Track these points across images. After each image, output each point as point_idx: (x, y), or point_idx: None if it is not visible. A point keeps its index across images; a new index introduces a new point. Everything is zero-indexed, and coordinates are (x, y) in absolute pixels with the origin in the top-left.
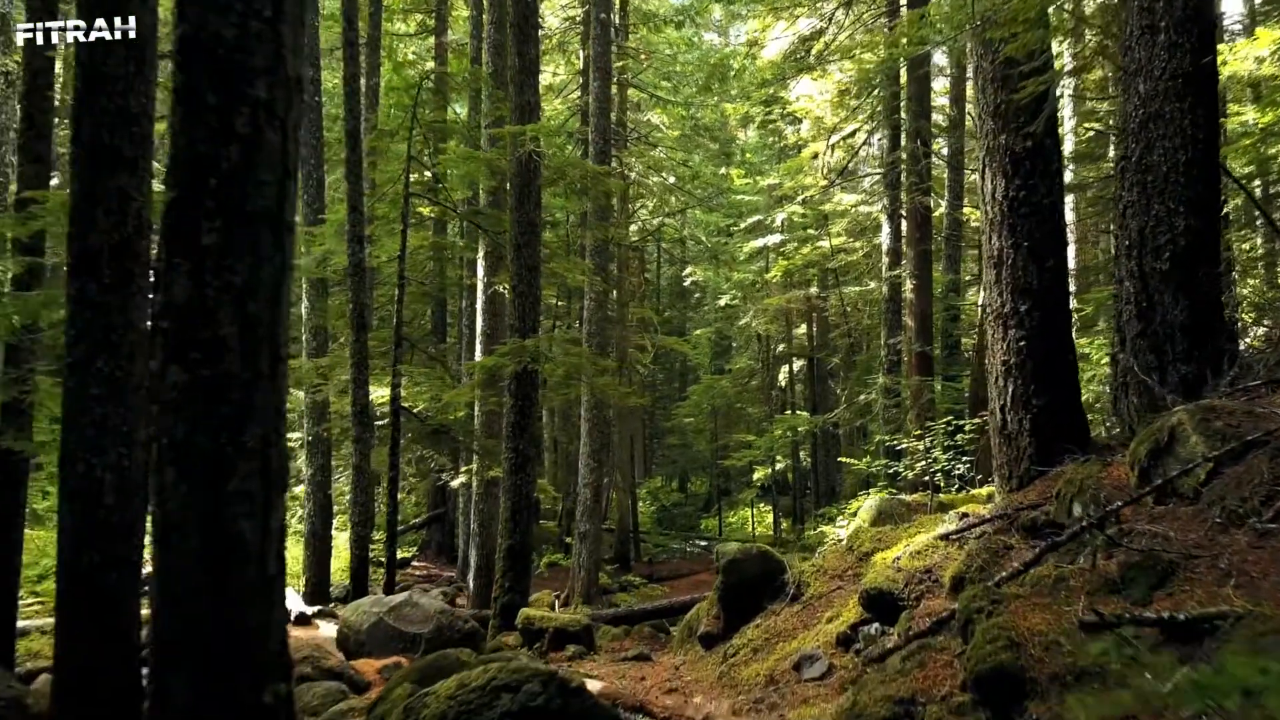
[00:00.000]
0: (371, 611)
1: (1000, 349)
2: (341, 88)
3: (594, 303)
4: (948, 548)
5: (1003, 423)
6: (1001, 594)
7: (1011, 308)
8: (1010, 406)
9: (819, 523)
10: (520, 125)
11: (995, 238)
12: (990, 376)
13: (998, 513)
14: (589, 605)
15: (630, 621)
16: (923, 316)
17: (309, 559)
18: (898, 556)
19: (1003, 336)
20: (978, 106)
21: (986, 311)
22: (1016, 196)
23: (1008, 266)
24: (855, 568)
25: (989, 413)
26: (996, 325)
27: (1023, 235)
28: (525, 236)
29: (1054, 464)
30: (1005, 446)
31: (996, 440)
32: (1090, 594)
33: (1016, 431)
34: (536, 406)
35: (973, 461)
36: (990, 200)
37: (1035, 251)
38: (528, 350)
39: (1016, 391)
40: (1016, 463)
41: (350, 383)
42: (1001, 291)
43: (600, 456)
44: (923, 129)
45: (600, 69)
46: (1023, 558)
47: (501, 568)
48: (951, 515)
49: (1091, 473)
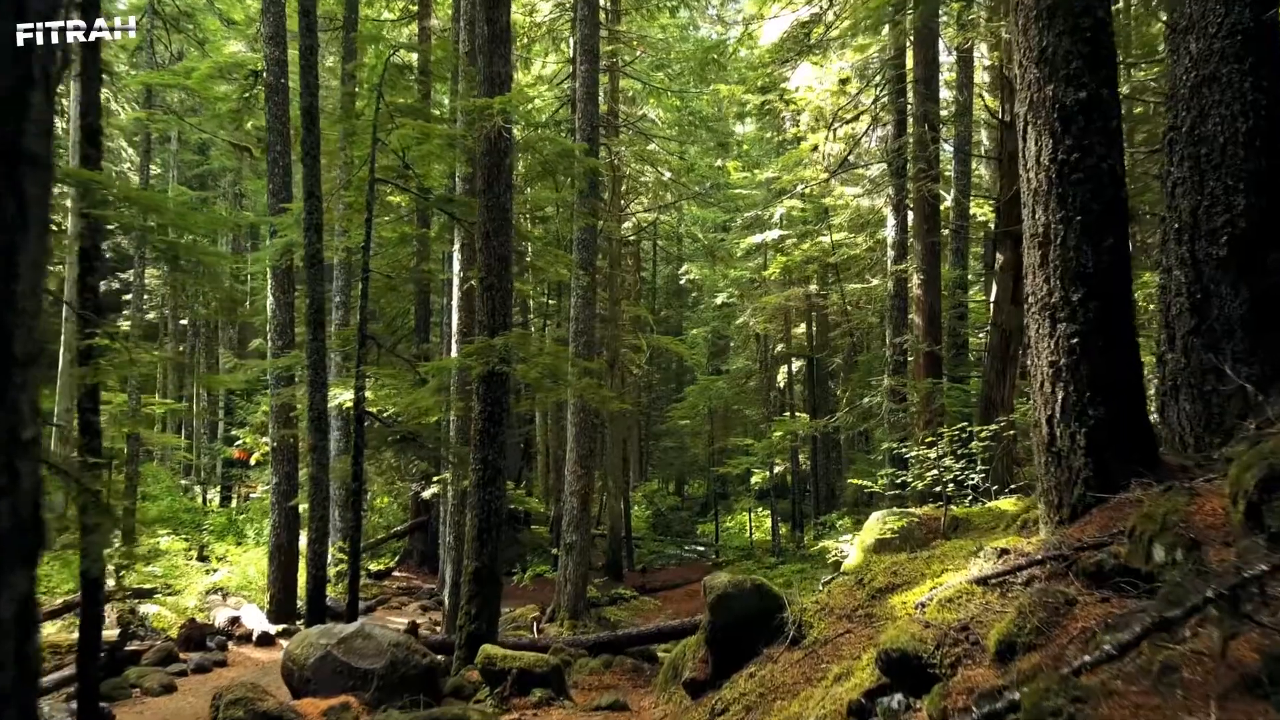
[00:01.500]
0: (319, 643)
1: (1046, 347)
2: (298, 61)
3: (581, 299)
4: (986, 594)
5: (1050, 438)
6: (1084, 689)
7: (1061, 297)
8: (1060, 418)
9: (819, 530)
10: (488, 98)
11: (1040, 211)
12: (1034, 381)
13: (1050, 551)
14: (575, 620)
15: (614, 649)
16: (931, 314)
17: (274, 573)
18: (922, 603)
19: (1050, 332)
20: (1018, 52)
21: (1029, 302)
22: (1067, 160)
23: (1056, 246)
24: (866, 606)
25: (1032, 425)
26: (1042, 318)
27: (1075, 207)
28: (495, 223)
29: (1116, 489)
30: (1054, 467)
31: (1042, 459)
32: (1222, 698)
33: (1068, 449)
34: (508, 412)
35: (987, 471)
36: (1034, 165)
37: (1091, 227)
38: (496, 350)
39: (1068, 400)
40: (1068, 487)
41: (306, 385)
42: (1048, 277)
43: (588, 463)
44: (930, 113)
45: (587, 51)
46: (1091, 617)
47: (467, 593)
48: (988, 551)
49: (1176, 506)
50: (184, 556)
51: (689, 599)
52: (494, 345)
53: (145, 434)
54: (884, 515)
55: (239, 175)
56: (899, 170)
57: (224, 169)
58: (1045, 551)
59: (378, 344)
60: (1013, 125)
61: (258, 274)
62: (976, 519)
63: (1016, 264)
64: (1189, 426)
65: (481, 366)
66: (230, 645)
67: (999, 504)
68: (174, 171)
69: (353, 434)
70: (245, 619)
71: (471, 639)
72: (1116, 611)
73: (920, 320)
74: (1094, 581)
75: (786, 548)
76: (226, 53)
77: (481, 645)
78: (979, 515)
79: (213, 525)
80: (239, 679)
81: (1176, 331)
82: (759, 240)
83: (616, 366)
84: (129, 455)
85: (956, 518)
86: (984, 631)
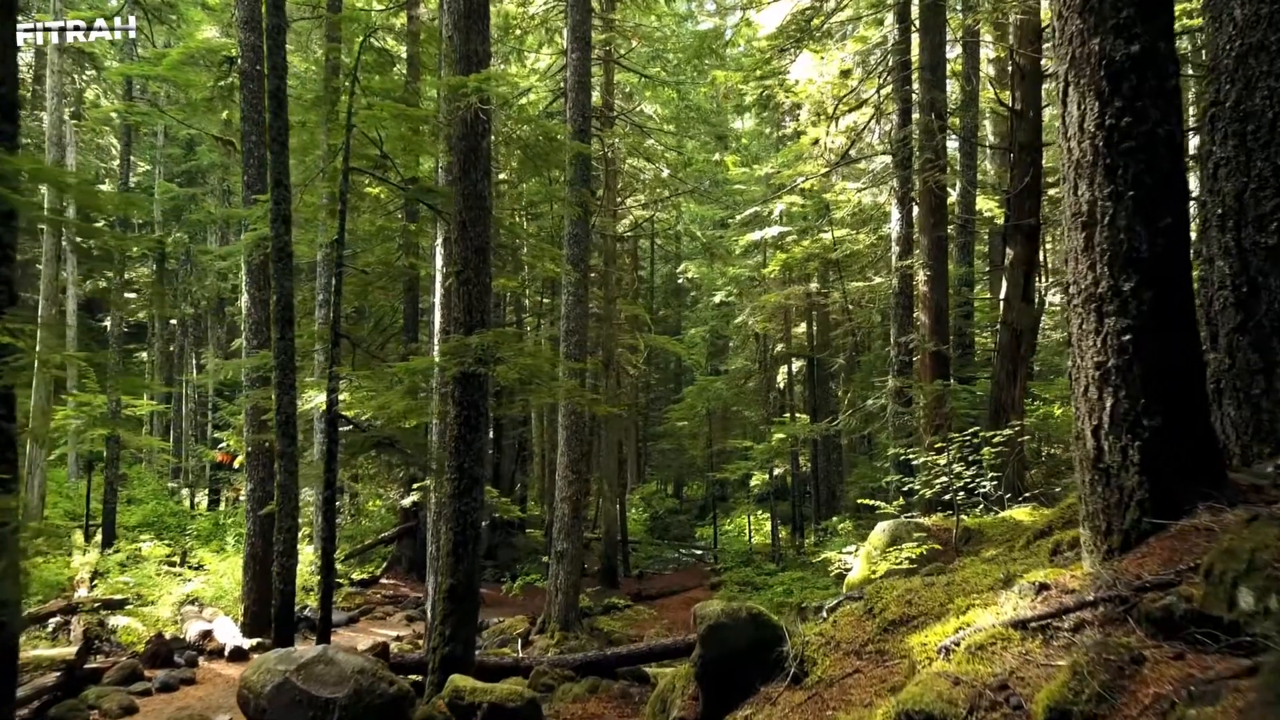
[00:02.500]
0: (276, 669)
1: (1091, 346)
2: (264, 41)
3: (572, 297)
4: (1026, 641)
5: (1096, 452)
6: None
7: (1110, 286)
8: (1109, 429)
9: (820, 536)
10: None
11: (1084, 187)
12: (1075, 384)
13: (1102, 590)
14: (567, 631)
15: (602, 669)
16: (937, 312)
17: (249, 583)
18: (946, 646)
19: (1096, 328)
20: (1055, 3)
21: (1070, 293)
22: (1116, 125)
23: (1104, 227)
24: (878, 641)
25: (1073, 437)
26: (1086, 312)
27: (1126, 181)
28: (473, 212)
29: (1178, 513)
30: (1101, 486)
31: (1087, 477)
32: None
33: (1119, 465)
34: (486, 416)
35: (999, 478)
36: (1076, 134)
37: (1145, 205)
38: (472, 349)
39: (1118, 407)
40: (1118, 511)
41: (274, 388)
42: (1094, 263)
43: (580, 467)
44: (937, 101)
45: (579, 39)
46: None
47: (441, 612)
48: (1024, 586)
49: (1266, 539)
50: (161, 563)
51: (685, 607)
52: (469, 344)
53: (126, 436)
54: (891, 528)
55: (227, 171)
56: (904, 161)
57: (213, 165)
58: (1097, 590)
59: (353, 343)
60: (1023, 114)
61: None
62: (990, 530)
63: (1028, 259)
64: (1234, 435)
65: (456, 367)
66: (201, 661)
67: (1012, 514)
68: (160, 168)
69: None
70: (218, 632)
71: (445, 662)
72: (1197, 674)
73: (926, 319)
74: (1162, 631)
75: (786, 553)
76: (200, 39)
77: (455, 672)
78: (992, 526)
79: (197, 530)
80: (203, 699)
81: (1220, 329)
82: (758, 237)
83: (612, 367)
84: (109, 458)
85: (968, 529)
86: (1028, 692)
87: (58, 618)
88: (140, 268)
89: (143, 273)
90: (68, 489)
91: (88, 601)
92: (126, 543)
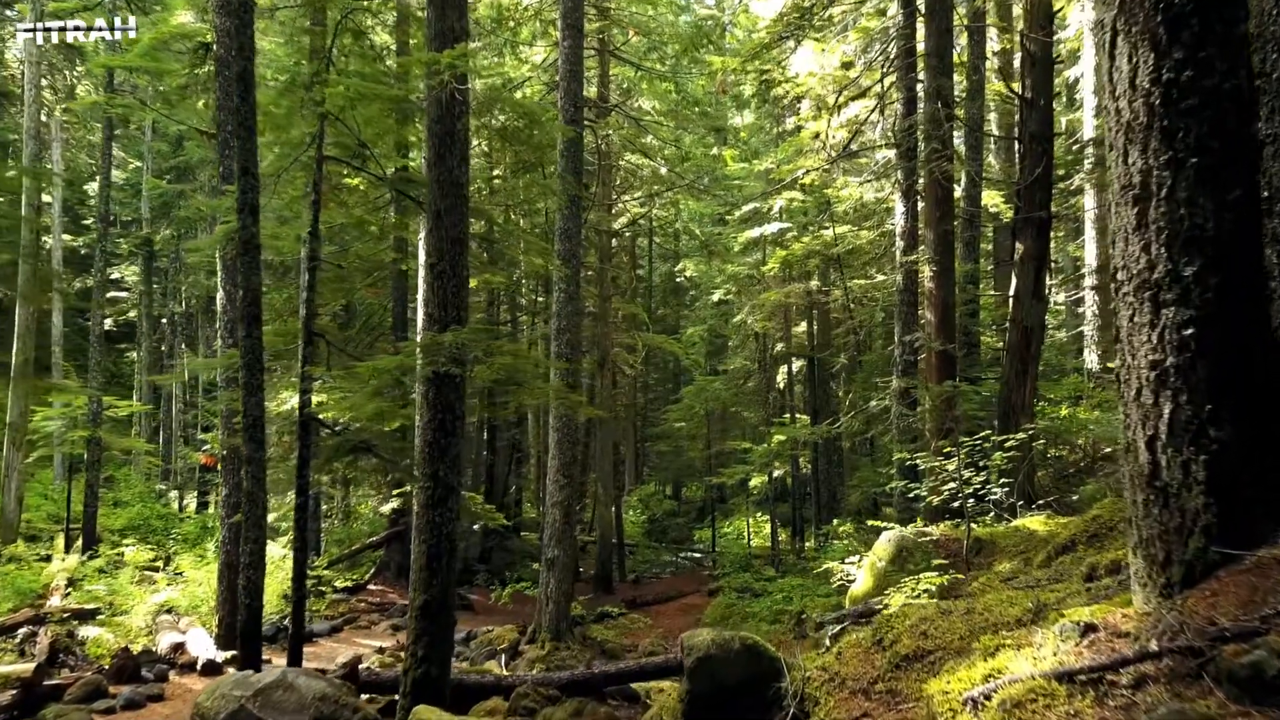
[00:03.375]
0: (231, 695)
1: (1145, 341)
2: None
3: (564, 294)
4: (1075, 699)
5: (1151, 468)
6: None
7: (1168, 271)
8: (1167, 440)
9: (821, 541)
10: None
11: (1136, 154)
12: (1125, 388)
13: (1166, 638)
14: (558, 642)
15: (588, 689)
16: (944, 309)
17: (224, 593)
18: (974, 698)
19: (1151, 320)
20: None
21: (1118, 280)
22: (1176, 80)
23: (1160, 201)
24: (889, 679)
25: (1122, 449)
26: (1138, 301)
27: (1187, 146)
28: (448, 200)
29: (1255, 543)
30: (1158, 509)
31: (1140, 497)
32: None
33: (1180, 484)
34: (462, 420)
35: (1010, 484)
36: (1126, 91)
37: (1209, 174)
38: (445, 348)
39: (1179, 415)
40: (1179, 538)
41: (241, 389)
42: (1148, 244)
43: (571, 471)
44: (944, 88)
45: (570, 26)
46: None
47: (413, 630)
48: (1065, 626)
49: None
50: (142, 569)
51: (682, 614)
52: (442, 342)
53: (107, 438)
54: (897, 538)
55: (216, 167)
56: (908, 152)
57: (202, 161)
58: (1160, 637)
59: (328, 341)
60: (1033, 102)
61: None
62: (1002, 541)
63: (1038, 254)
64: None
65: (427, 367)
66: (172, 675)
67: (1025, 522)
68: (148, 163)
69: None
70: (191, 644)
71: (418, 686)
72: None
73: (932, 316)
74: (1249, 694)
75: (786, 557)
76: (174, 23)
77: (428, 695)
78: (1004, 537)
79: (183, 533)
80: (169, 717)
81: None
82: (757, 234)
83: (607, 366)
84: (90, 461)
85: (979, 539)
86: None
87: (26, 628)
88: (130, 266)
89: (131, 271)
90: (53, 492)
91: (56, 611)
92: (109, 547)
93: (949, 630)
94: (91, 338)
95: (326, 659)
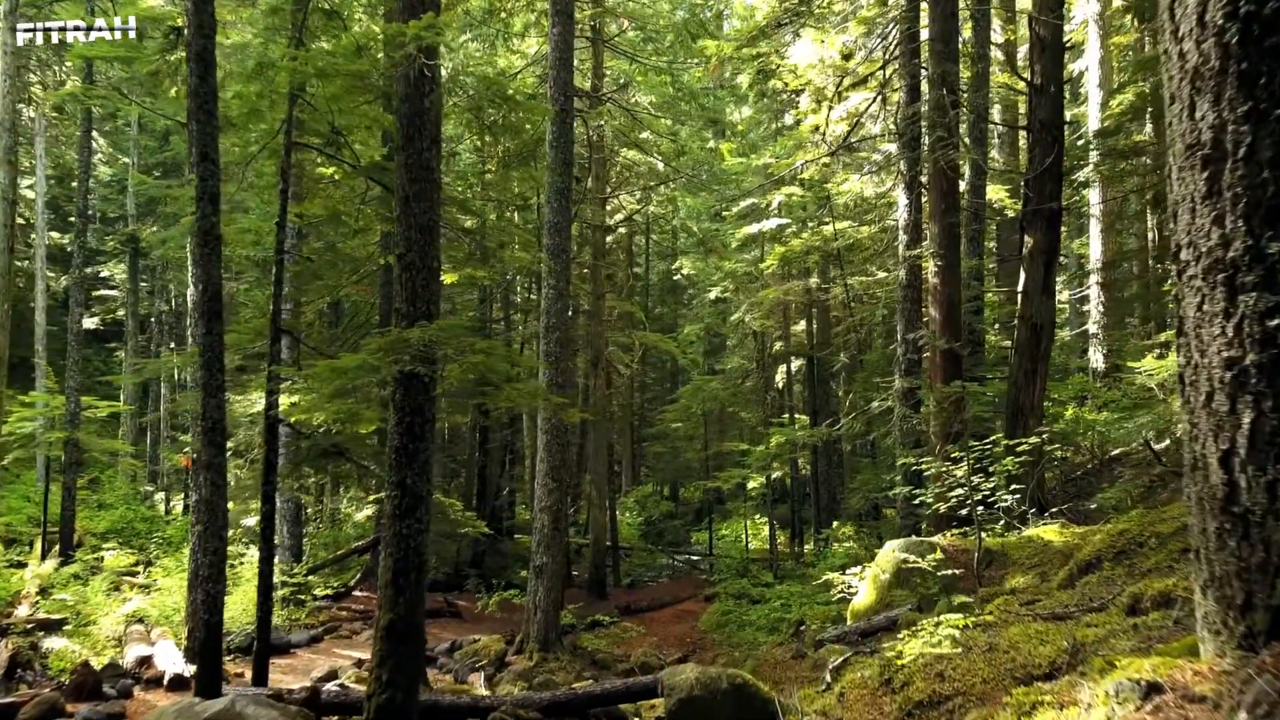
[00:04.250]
0: None
1: (1218, 334)
2: None
3: (553, 291)
4: None
5: (1227, 490)
6: None
7: (1247, 248)
8: (1248, 456)
9: (821, 546)
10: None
11: (1205, 106)
12: (1191, 390)
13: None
14: (546, 652)
15: (572, 710)
16: (949, 305)
17: (193, 604)
18: None
19: (1224, 308)
20: None
21: (1178, 258)
22: (1257, 13)
23: (1237, 163)
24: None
25: (1185, 467)
26: (1209, 285)
27: (1272, 95)
28: (417, 185)
29: None
30: (1235, 540)
31: (1212, 524)
32: None
33: (1265, 510)
34: (432, 424)
35: (1022, 491)
36: (1193, 29)
37: None
38: (412, 345)
39: (1263, 424)
40: (1265, 577)
41: (199, 389)
42: (1220, 216)
43: (561, 475)
44: (950, 74)
45: (561, 11)
46: None
47: (379, 652)
48: (1124, 685)
49: None
50: (120, 574)
51: (678, 621)
52: (408, 339)
53: (86, 440)
54: (902, 547)
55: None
56: (911, 142)
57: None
58: (1251, 710)
59: (297, 339)
60: (1043, 89)
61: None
62: (1014, 552)
63: (1049, 247)
64: None
65: (392, 366)
66: (136, 691)
67: (1039, 531)
68: (134, 159)
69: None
70: (158, 658)
71: (382, 712)
72: None
73: (937, 314)
74: None
75: (785, 562)
76: (143, 6)
77: (401, 713)
78: (1017, 548)
79: (166, 536)
80: None
81: None
82: (755, 230)
83: (601, 366)
84: (68, 463)
85: (990, 550)
86: None
87: None
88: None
89: (119, 269)
90: (35, 495)
91: (21, 622)
92: (89, 551)
93: (969, 671)
94: (70, 336)
95: (303, 671)
